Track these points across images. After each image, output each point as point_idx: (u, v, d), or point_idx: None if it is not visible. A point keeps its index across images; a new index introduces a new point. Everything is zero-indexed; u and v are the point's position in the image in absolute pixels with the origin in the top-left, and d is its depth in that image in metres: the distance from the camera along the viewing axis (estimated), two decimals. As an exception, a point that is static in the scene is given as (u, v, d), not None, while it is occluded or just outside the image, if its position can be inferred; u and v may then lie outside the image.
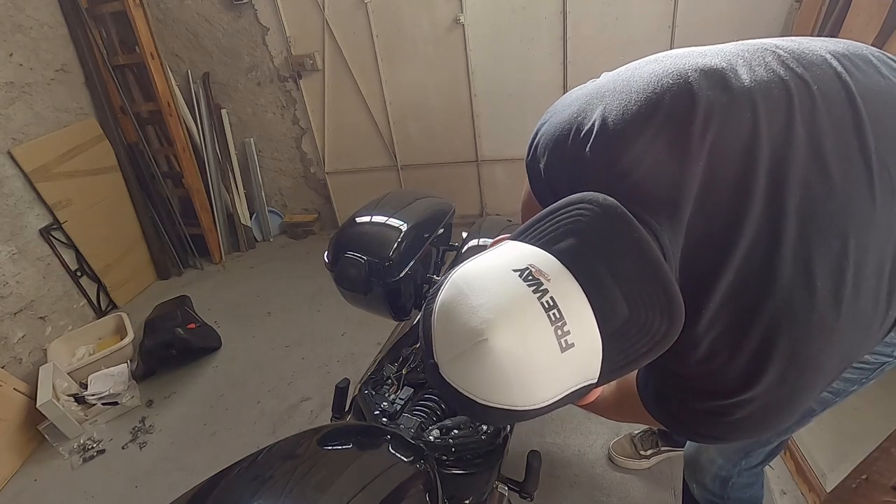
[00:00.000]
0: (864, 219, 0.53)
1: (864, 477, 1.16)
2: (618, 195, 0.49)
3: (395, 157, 3.21)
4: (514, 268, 0.46)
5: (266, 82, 3.15)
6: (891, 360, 0.76)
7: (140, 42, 2.77)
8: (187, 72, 3.15)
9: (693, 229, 0.52)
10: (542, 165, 0.62)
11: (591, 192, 0.50)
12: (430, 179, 3.23)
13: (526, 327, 0.43)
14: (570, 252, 0.46)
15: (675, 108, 0.52)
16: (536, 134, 0.64)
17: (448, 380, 0.47)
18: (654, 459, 1.60)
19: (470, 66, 2.81)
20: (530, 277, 0.44)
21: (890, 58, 0.64)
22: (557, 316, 0.43)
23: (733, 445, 0.98)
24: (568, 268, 0.45)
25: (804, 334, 0.52)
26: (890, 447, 1.11)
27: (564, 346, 0.43)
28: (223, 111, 3.24)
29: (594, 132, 0.55)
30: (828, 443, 1.48)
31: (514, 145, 3.02)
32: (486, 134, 3.03)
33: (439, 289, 0.50)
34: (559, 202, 0.51)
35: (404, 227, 1.20)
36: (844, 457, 1.35)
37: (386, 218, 1.24)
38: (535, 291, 0.44)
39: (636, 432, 1.63)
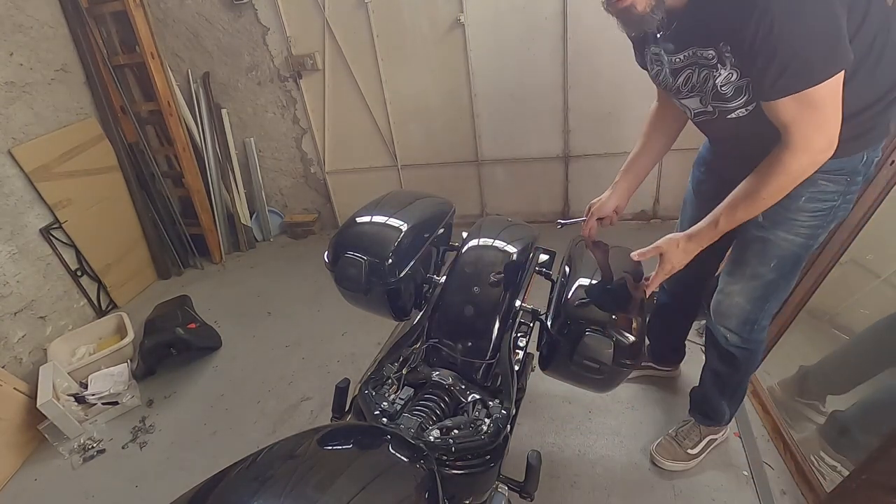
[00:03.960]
0: None
1: (864, 477, 1.17)
2: None
3: (396, 156, 3.21)
4: None
5: (266, 82, 3.15)
6: (836, 203, 1.07)
7: (140, 42, 2.77)
8: (187, 71, 3.15)
9: None
10: None
11: None
12: (430, 179, 3.23)
13: None
14: None
15: None
16: None
17: None
18: (702, 452, 1.56)
19: (470, 67, 2.81)
20: None
21: None
22: None
23: (757, 293, 1.22)
24: None
25: None
26: (890, 447, 1.11)
27: None
28: (223, 111, 3.24)
29: None
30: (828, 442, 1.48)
31: (515, 145, 3.02)
32: (486, 134, 3.03)
33: None
34: None
35: (404, 227, 1.20)
36: (844, 457, 1.35)
37: (386, 218, 1.24)
38: None
39: (671, 430, 1.62)
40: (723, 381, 1.44)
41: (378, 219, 1.25)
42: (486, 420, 0.99)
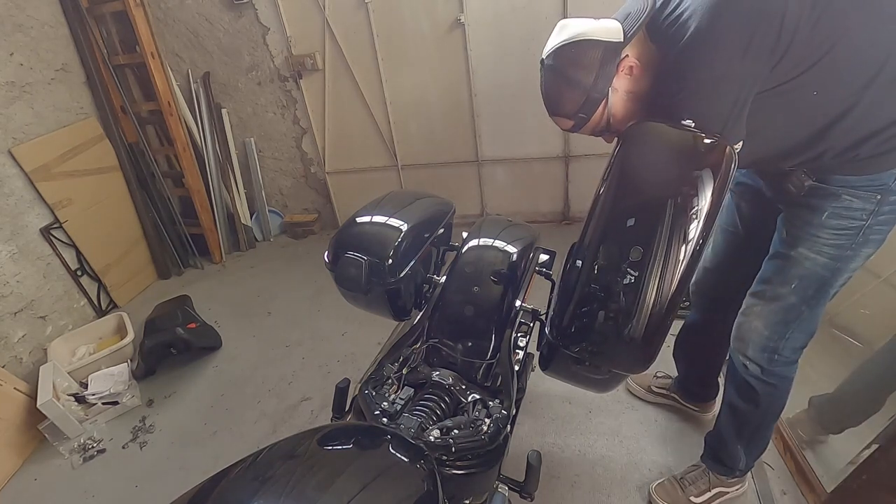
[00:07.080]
0: None
1: (864, 477, 1.17)
2: None
3: (396, 156, 3.21)
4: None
5: (266, 82, 3.15)
6: (864, 223, 1.00)
7: (140, 42, 2.77)
8: (187, 71, 3.15)
9: None
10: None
11: None
12: (430, 179, 3.23)
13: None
14: None
15: None
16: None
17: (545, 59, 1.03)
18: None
19: (470, 66, 2.81)
20: None
21: None
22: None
23: (776, 317, 1.13)
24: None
25: None
26: (890, 447, 1.11)
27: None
28: (223, 111, 3.24)
29: None
30: (828, 443, 1.48)
31: (514, 145, 3.02)
32: (486, 134, 3.03)
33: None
34: None
35: (404, 227, 1.20)
36: (844, 457, 1.35)
37: (386, 218, 1.24)
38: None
39: (678, 472, 1.49)
40: (740, 420, 1.30)
41: (378, 219, 1.25)
42: (487, 420, 0.99)
